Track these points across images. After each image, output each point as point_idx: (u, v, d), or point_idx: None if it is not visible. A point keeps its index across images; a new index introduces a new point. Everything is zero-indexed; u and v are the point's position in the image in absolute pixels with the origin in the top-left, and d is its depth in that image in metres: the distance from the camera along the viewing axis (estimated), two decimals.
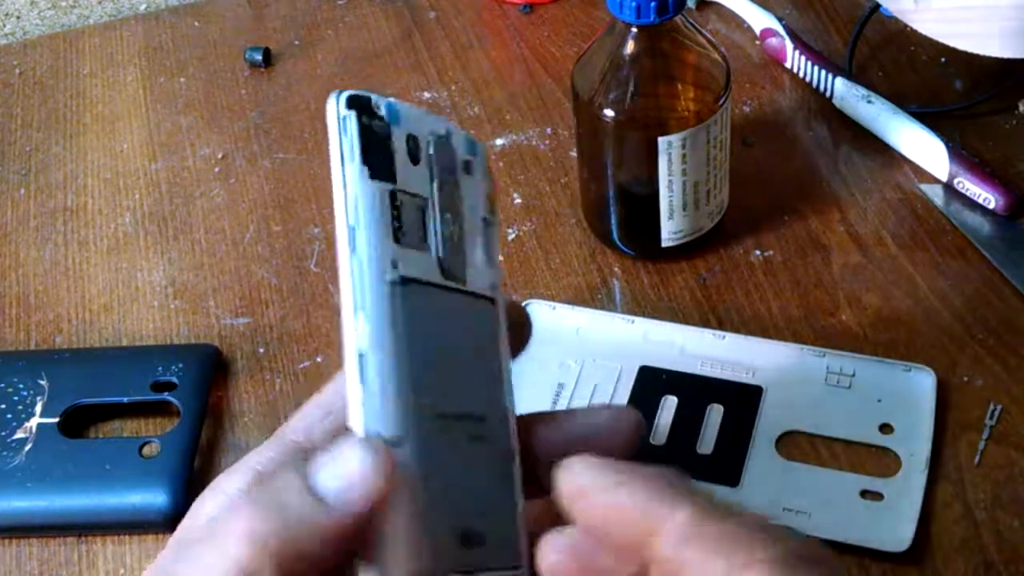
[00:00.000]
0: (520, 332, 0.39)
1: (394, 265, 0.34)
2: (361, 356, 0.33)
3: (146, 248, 0.68)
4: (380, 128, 0.34)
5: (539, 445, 0.37)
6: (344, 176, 0.34)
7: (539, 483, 0.37)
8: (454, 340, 0.35)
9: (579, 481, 0.32)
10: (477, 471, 0.35)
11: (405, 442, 0.32)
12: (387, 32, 0.81)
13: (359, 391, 0.33)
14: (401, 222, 0.34)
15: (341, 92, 0.34)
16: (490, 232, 0.38)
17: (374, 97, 0.34)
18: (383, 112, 0.34)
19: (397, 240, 0.34)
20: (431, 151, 0.36)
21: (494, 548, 0.35)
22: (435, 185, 0.35)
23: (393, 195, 0.34)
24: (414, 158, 0.35)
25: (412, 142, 0.35)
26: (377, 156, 0.34)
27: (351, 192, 0.34)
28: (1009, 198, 0.64)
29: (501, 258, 0.65)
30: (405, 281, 0.34)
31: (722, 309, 0.61)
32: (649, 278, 0.63)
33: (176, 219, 0.70)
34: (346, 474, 0.31)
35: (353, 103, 0.34)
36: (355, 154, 0.34)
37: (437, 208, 0.35)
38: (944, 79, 0.73)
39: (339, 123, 0.34)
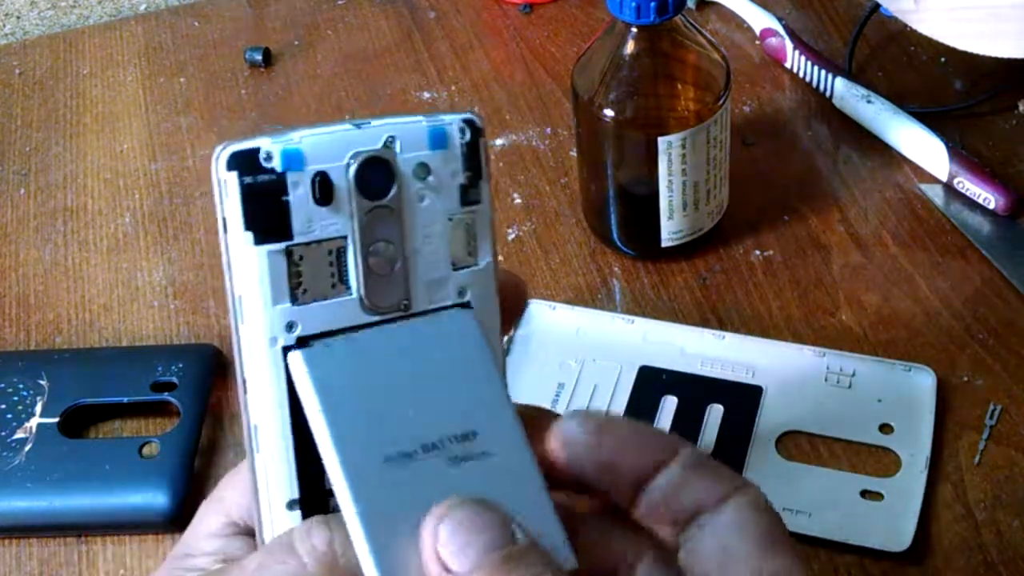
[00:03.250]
0: (514, 303, 0.37)
1: (290, 328, 0.32)
2: (254, 428, 0.33)
3: (146, 248, 0.68)
4: (269, 183, 0.31)
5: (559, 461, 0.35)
6: (226, 244, 0.32)
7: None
8: (398, 372, 0.33)
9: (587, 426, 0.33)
10: (470, 490, 0.32)
11: (297, 506, 0.32)
12: (387, 32, 0.81)
13: (253, 461, 0.33)
14: (302, 278, 0.32)
15: (225, 147, 0.31)
16: (465, 228, 0.35)
17: (264, 148, 0.31)
18: (276, 162, 0.31)
19: (295, 299, 0.32)
20: (351, 179, 0.32)
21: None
22: (355, 219, 0.33)
23: (289, 252, 0.32)
24: (324, 198, 0.32)
25: (321, 180, 0.32)
26: (265, 216, 0.31)
27: (233, 262, 0.32)
28: (1009, 198, 0.64)
29: (501, 258, 0.65)
30: (304, 342, 0.32)
31: (722, 309, 0.61)
32: (649, 278, 0.63)
33: (176, 219, 0.70)
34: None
35: (234, 162, 0.31)
36: (236, 220, 0.31)
37: (359, 242, 0.33)
38: (944, 79, 0.73)
39: (218, 187, 0.31)
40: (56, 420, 0.57)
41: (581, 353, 0.59)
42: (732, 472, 0.33)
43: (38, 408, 0.58)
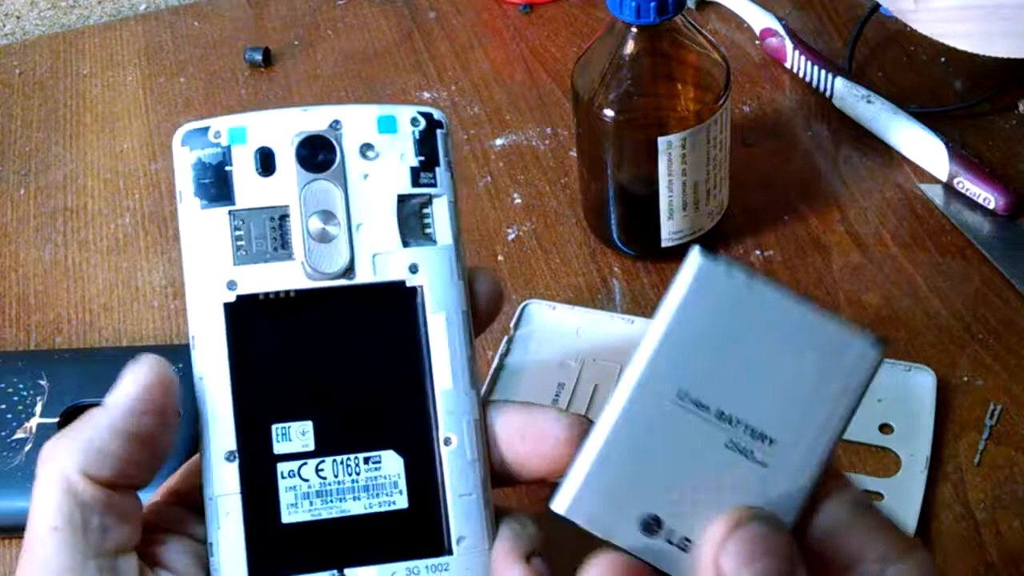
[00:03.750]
0: (489, 302, 0.38)
1: (231, 286, 0.35)
2: (199, 378, 0.35)
3: (146, 248, 0.68)
4: (214, 155, 0.36)
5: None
6: (180, 211, 0.36)
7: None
8: (764, 341, 0.32)
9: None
10: (724, 477, 0.32)
11: (235, 457, 0.35)
12: (387, 32, 0.81)
13: (202, 410, 0.35)
14: (244, 240, 0.36)
15: (181, 127, 0.36)
16: (418, 208, 0.37)
17: (214, 127, 0.36)
18: (223, 138, 0.36)
19: (239, 260, 0.35)
20: (292, 154, 0.36)
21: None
22: (296, 190, 0.36)
23: (233, 216, 0.36)
24: (266, 169, 0.36)
25: (263, 153, 0.36)
26: (210, 183, 0.36)
27: (183, 225, 0.36)
28: (1009, 198, 0.64)
29: (501, 258, 0.65)
30: (244, 300, 0.35)
31: None
32: (649, 278, 0.63)
33: (176, 219, 0.70)
34: (123, 382, 0.35)
35: (188, 139, 0.36)
36: (187, 187, 0.36)
37: (301, 211, 0.36)
38: (944, 79, 0.73)
39: (174, 161, 0.36)
40: (56, 420, 0.57)
41: (581, 353, 0.59)
42: (899, 529, 0.31)
43: (38, 408, 0.58)
